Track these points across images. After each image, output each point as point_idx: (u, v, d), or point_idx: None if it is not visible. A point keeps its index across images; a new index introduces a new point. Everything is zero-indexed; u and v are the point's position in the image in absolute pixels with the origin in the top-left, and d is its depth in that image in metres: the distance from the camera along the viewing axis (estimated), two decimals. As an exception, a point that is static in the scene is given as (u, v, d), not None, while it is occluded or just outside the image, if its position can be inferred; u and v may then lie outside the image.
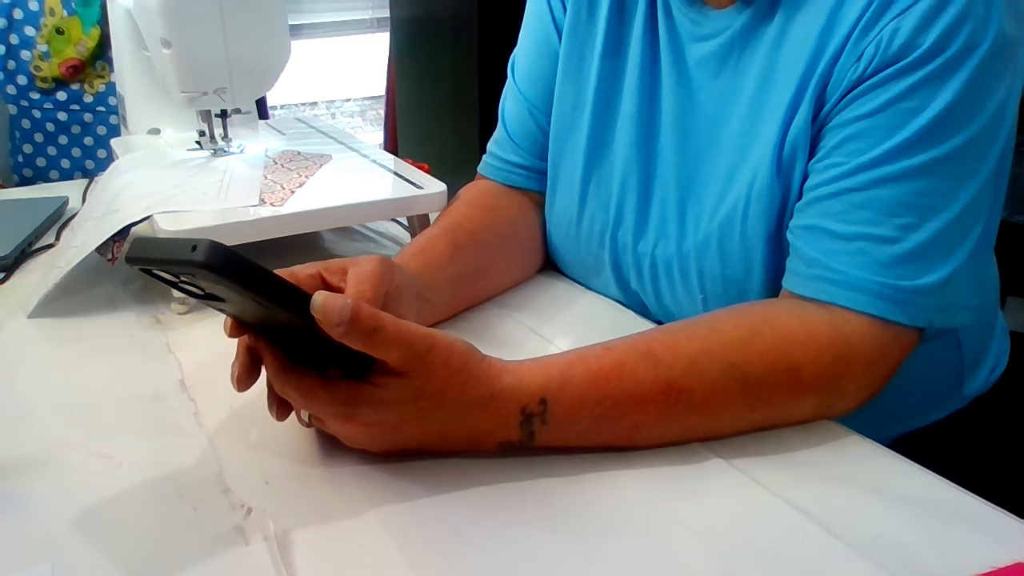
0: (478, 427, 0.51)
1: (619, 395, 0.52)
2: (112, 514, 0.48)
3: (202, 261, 0.40)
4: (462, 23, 2.00)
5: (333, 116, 3.21)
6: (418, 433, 0.51)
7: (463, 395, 0.50)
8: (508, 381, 0.51)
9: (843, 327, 0.55)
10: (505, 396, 0.50)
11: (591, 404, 0.52)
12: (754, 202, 0.62)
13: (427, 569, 0.44)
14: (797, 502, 0.49)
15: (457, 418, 0.50)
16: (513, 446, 0.52)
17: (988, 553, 0.45)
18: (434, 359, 0.48)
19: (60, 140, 1.32)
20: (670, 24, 0.68)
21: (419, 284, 0.65)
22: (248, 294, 0.43)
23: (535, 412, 0.51)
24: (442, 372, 0.49)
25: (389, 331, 0.46)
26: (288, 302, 0.44)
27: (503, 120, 0.82)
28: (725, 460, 0.53)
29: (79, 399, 0.61)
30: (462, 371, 0.49)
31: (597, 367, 0.53)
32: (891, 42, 0.55)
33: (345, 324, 0.44)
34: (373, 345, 0.46)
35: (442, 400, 0.49)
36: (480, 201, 0.79)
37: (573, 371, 0.52)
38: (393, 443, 0.51)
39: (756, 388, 0.54)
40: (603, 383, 0.52)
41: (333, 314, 0.44)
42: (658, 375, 0.53)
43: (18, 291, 0.79)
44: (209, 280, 0.43)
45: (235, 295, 0.44)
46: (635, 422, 0.53)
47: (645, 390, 0.52)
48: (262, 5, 0.83)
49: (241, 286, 0.42)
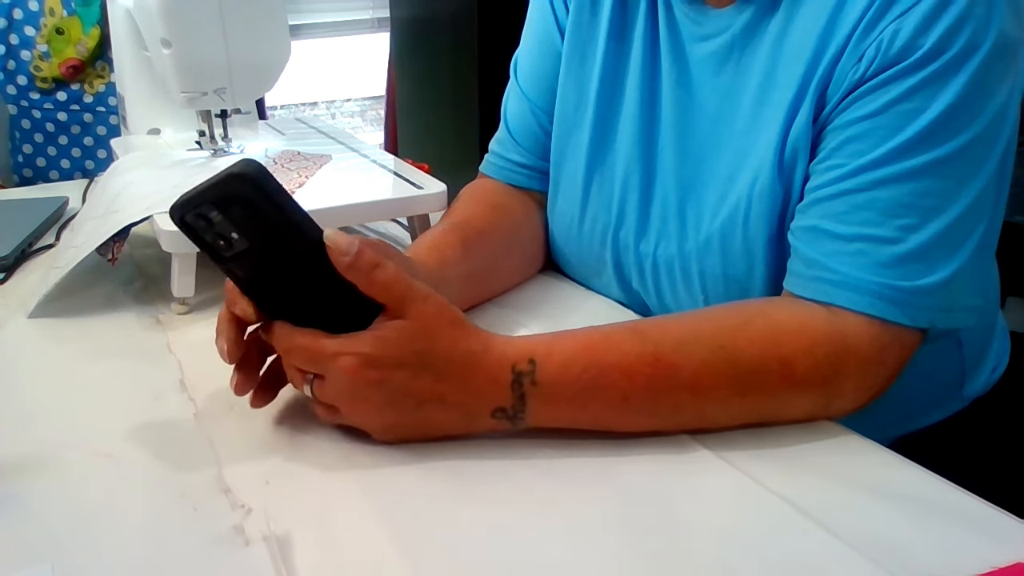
0: (471, 383, 0.52)
1: (606, 363, 0.53)
2: (112, 514, 0.48)
3: (239, 171, 0.46)
4: (462, 23, 2.00)
5: (333, 116, 3.21)
6: (414, 388, 0.51)
7: (456, 345, 0.52)
8: (498, 342, 0.54)
9: (840, 325, 0.55)
10: (496, 352, 0.53)
11: (578, 368, 0.53)
12: (756, 202, 0.62)
13: (426, 568, 0.44)
14: (797, 501, 0.49)
15: (449, 367, 0.52)
16: (506, 414, 0.53)
17: (988, 553, 0.45)
18: (429, 306, 0.51)
19: (60, 140, 1.32)
20: (671, 23, 0.68)
21: (433, 281, 0.65)
22: (274, 212, 0.48)
23: (524, 371, 0.52)
24: (437, 319, 0.52)
25: (388, 271, 0.50)
26: (306, 228, 0.49)
27: (505, 119, 0.82)
28: (724, 459, 0.53)
29: (79, 399, 0.61)
30: (455, 322, 0.52)
31: (583, 336, 0.55)
32: (892, 43, 0.55)
33: (351, 255, 0.49)
34: (373, 282, 0.50)
35: (436, 345, 0.51)
36: (486, 200, 0.79)
37: (560, 339, 0.55)
38: (390, 400, 0.52)
39: (746, 373, 0.54)
40: (590, 350, 0.54)
41: (342, 243, 0.49)
42: (644, 348, 0.54)
43: (18, 291, 0.79)
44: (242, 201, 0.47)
45: (260, 225, 0.48)
46: (623, 392, 0.53)
47: (632, 360, 0.53)
48: (262, 5, 0.83)
49: (269, 201, 0.47)
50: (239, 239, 0.49)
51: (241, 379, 0.54)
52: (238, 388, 0.55)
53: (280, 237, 0.49)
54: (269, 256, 0.50)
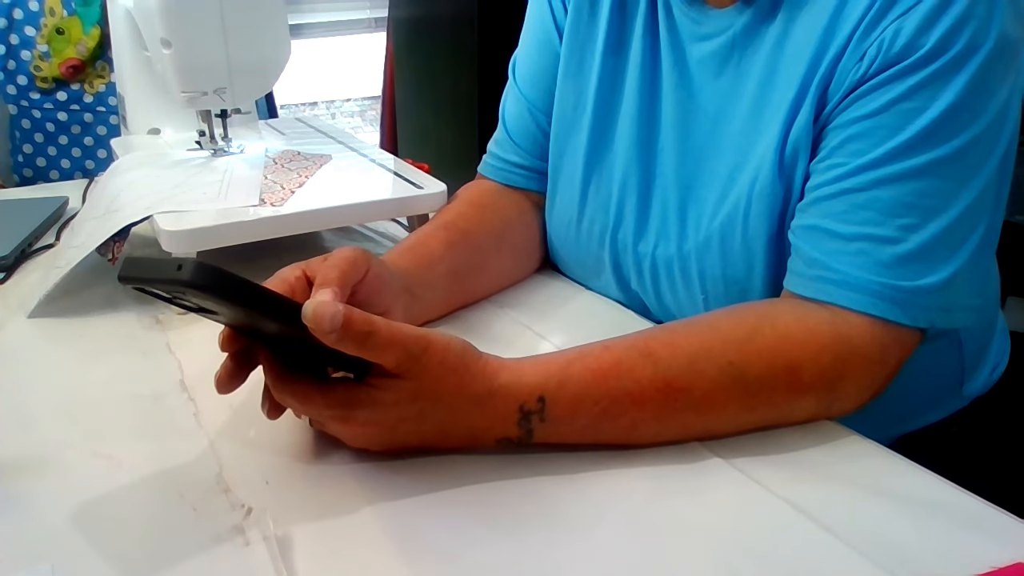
0: (477, 424, 0.51)
1: (617, 394, 0.52)
2: (112, 514, 0.48)
3: (188, 280, 0.41)
4: (462, 23, 2.00)
5: (333, 116, 3.21)
6: (417, 432, 0.51)
7: (460, 393, 0.50)
8: (506, 379, 0.51)
9: (843, 327, 0.55)
10: (503, 394, 0.51)
11: (589, 403, 0.52)
12: (756, 202, 0.62)
13: (426, 569, 0.44)
14: (797, 502, 0.49)
15: (455, 416, 0.50)
16: (512, 443, 0.52)
17: (988, 553, 0.45)
18: (429, 359, 0.48)
19: (60, 140, 1.32)
20: (671, 24, 0.68)
21: (407, 280, 0.65)
22: (237, 309, 0.43)
23: (533, 410, 0.51)
24: (438, 372, 0.49)
25: (383, 335, 0.46)
26: (279, 314, 0.45)
27: (503, 120, 0.82)
28: (725, 460, 0.53)
29: (79, 399, 0.61)
30: (458, 369, 0.49)
31: (596, 366, 0.53)
32: (893, 42, 0.55)
33: (338, 331, 0.44)
34: (368, 349, 0.46)
35: (439, 399, 0.49)
36: (477, 200, 0.79)
37: (571, 369, 0.52)
38: (392, 442, 0.52)
39: (755, 388, 0.54)
40: (602, 382, 0.52)
41: (324, 322, 0.44)
42: (656, 374, 0.53)
43: (18, 291, 0.79)
44: (198, 297, 0.43)
45: (225, 309, 0.45)
46: (633, 420, 0.53)
47: (643, 389, 0.52)
48: (262, 5, 0.83)
49: (229, 302, 0.43)
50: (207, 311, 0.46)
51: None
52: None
53: (251, 317, 0.45)
54: (243, 324, 0.48)
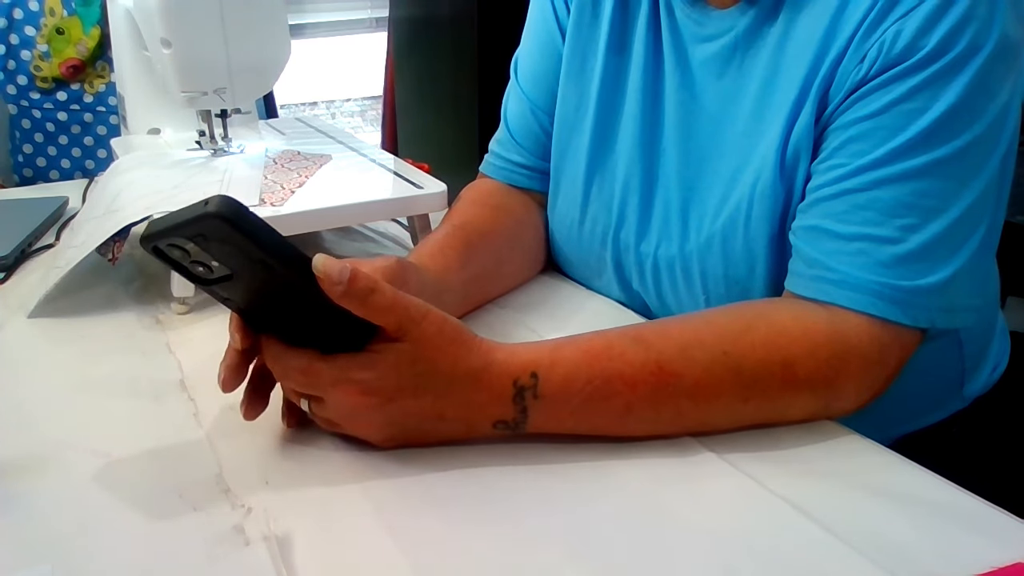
0: (472, 400, 0.52)
1: (609, 373, 0.53)
2: (112, 514, 0.48)
3: (215, 211, 0.42)
4: (462, 23, 2.00)
5: (333, 116, 3.21)
6: (415, 408, 0.51)
7: (457, 364, 0.51)
8: (500, 355, 0.52)
9: (841, 326, 0.55)
10: (498, 368, 0.52)
11: (581, 381, 0.52)
12: (757, 203, 0.62)
13: (426, 568, 0.44)
14: (796, 501, 0.49)
15: (451, 388, 0.51)
16: (508, 426, 0.53)
17: (988, 553, 0.45)
18: (429, 325, 0.50)
19: (60, 140, 1.32)
20: (673, 24, 0.68)
21: (436, 287, 0.65)
22: (255, 250, 0.44)
23: (527, 385, 0.52)
24: (436, 340, 0.50)
25: (385, 295, 0.48)
26: (291, 260, 0.46)
27: (505, 120, 0.82)
28: (723, 459, 0.53)
29: (79, 399, 0.61)
30: (456, 340, 0.51)
31: (587, 347, 0.54)
32: (894, 44, 0.55)
33: (344, 284, 0.46)
34: (369, 307, 0.48)
35: (436, 367, 0.50)
36: (487, 201, 0.79)
37: (563, 349, 0.54)
38: (391, 421, 0.51)
39: (749, 379, 0.54)
40: (593, 361, 0.53)
41: (333, 272, 0.46)
42: (648, 357, 0.53)
43: (18, 291, 0.79)
44: (219, 238, 0.44)
45: (242, 259, 0.45)
46: (626, 402, 0.53)
47: (635, 371, 0.53)
48: (262, 5, 0.83)
49: (250, 239, 0.44)
50: (220, 266, 0.46)
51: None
52: (246, 414, 0.54)
53: (264, 268, 0.46)
54: (254, 284, 0.48)
